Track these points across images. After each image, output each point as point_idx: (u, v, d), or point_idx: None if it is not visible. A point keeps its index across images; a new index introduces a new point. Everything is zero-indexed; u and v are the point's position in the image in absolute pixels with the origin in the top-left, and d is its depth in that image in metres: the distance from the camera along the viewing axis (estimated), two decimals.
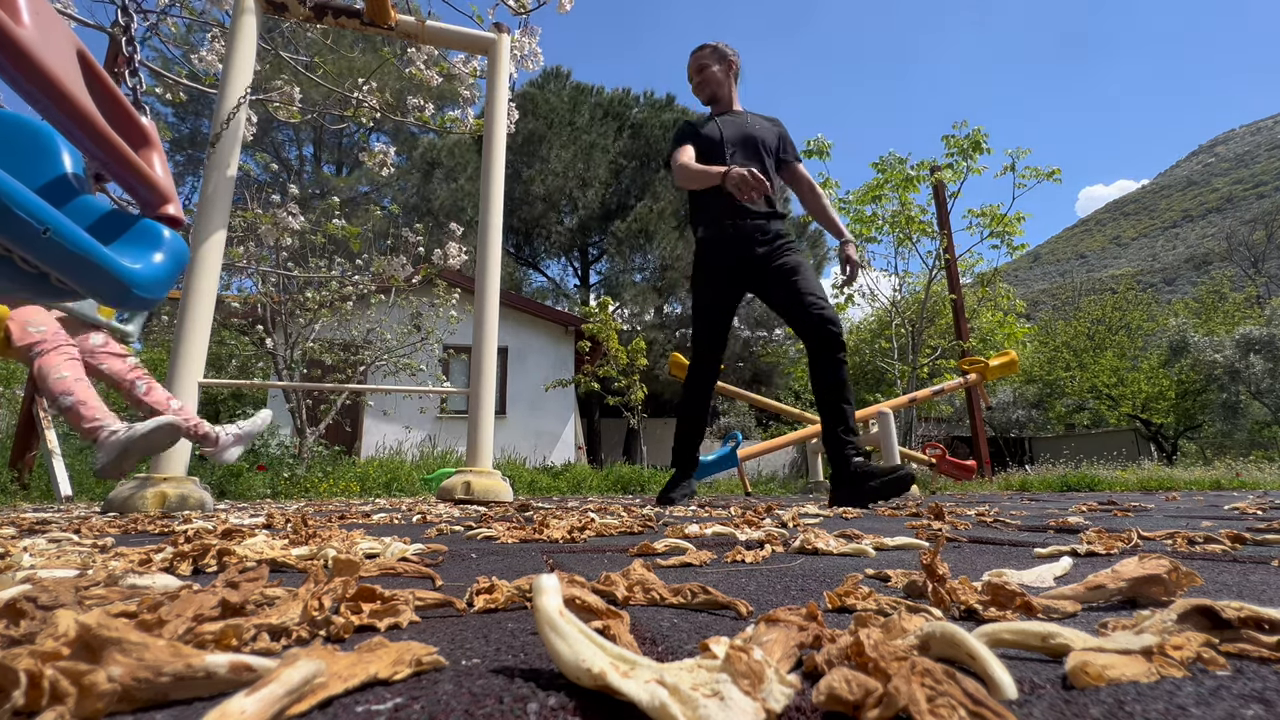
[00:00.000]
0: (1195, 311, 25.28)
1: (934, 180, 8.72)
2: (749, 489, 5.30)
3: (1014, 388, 21.33)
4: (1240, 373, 17.17)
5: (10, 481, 4.38)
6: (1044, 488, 5.95)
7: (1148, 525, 1.24)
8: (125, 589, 0.47)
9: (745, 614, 0.46)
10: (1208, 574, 0.63)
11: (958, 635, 0.28)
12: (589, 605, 0.36)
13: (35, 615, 0.34)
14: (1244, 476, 6.31)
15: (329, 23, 3.07)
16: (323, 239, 6.65)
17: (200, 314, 2.55)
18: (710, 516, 1.61)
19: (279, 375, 7.19)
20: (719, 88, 2.85)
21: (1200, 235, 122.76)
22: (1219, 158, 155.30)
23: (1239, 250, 64.20)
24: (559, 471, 8.24)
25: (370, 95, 4.22)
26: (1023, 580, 0.56)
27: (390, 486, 6.10)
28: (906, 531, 1.17)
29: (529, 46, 3.63)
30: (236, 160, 2.78)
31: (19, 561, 0.68)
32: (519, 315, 11.91)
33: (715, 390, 2.90)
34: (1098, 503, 2.28)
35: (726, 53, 2.89)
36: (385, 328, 7.95)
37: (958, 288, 8.65)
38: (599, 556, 0.88)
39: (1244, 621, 0.32)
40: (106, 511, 2.12)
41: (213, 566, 0.71)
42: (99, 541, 0.96)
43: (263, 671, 0.27)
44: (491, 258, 3.08)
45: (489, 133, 3.23)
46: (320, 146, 20.28)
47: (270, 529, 1.27)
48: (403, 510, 2.27)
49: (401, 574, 0.64)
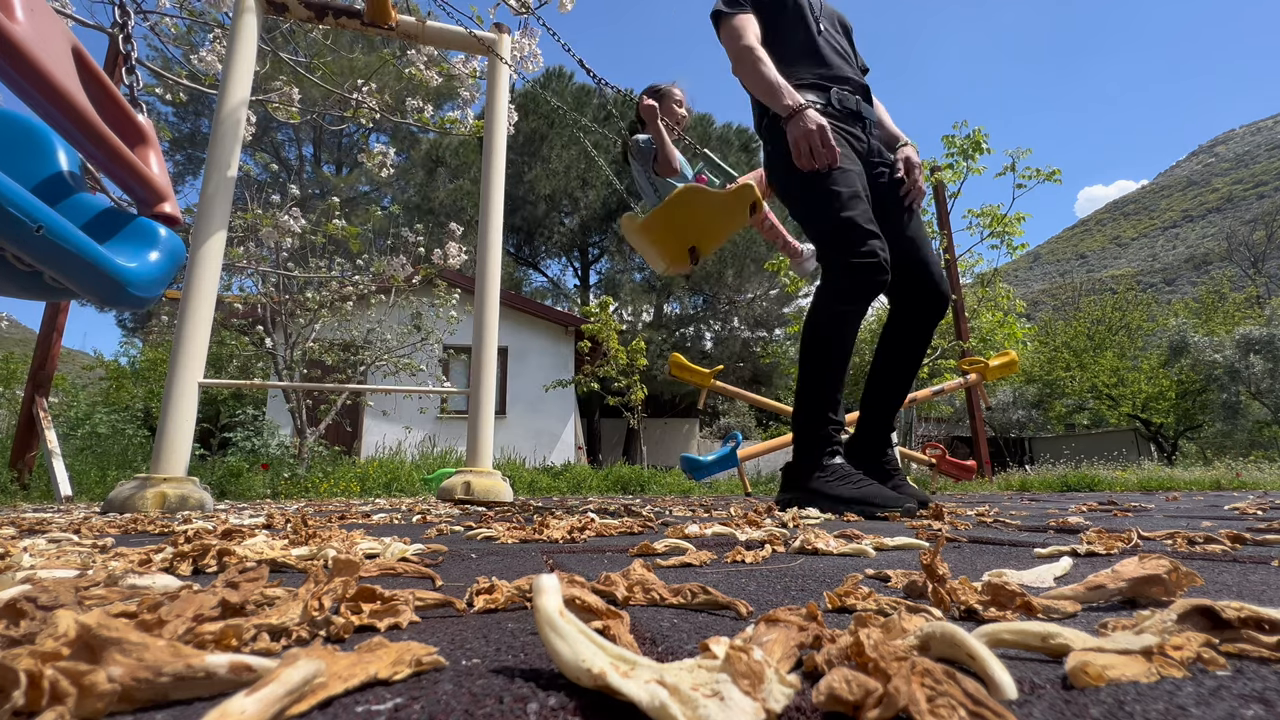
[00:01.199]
0: (1195, 311, 25.28)
1: (934, 180, 8.72)
2: (749, 489, 5.30)
3: (1014, 388, 21.33)
4: (1240, 373, 17.17)
5: (10, 481, 4.38)
6: (1044, 488, 5.95)
7: (1148, 525, 1.24)
8: (125, 589, 0.47)
9: (745, 614, 0.46)
10: (1208, 574, 0.63)
11: (958, 635, 0.28)
12: (589, 605, 0.36)
13: (35, 615, 0.34)
14: (1244, 477, 6.31)
15: (329, 23, 3.07)
16: (323, 239, 6.65)
17: (200, 314, 2.55)
18: (710, 516, 1.61)
19: (279, 375, 7.19)
20: None
21: (1200, 235, 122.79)
22: (1219, 158, 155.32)
23: (1239, 250, 64.20)
24: (559, 471, 8.24)
25: (370, 96, 4.23)
26: (1023, 580, 0.56)
27: (390, 486, 6.10)
28: (906, 531, 1.17)
29: (529, 47, 3.63)
30: (236, 160, 2.78)
31: (19, 561, 0.68)
32: (519, 315, 11.91)
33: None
34: (1098, 503, 2.28)
35: None
36: (385, 328, 7.95)
37: (958, 288, 8.65)
38: (599, 556, 0.88)
39: (1244, 621, 0.32)
40: (106, 511, 2.12)
41: (213, 567, 0.71)
42: (99, 541, 0.96)
43: (263, 671, 0.27)
44: (491, 258, 3.08)
45: (489, 133, 3.23)
46: (320, 147, 20.28)
47: (270, 529, 1.27)
48: (403, 510, 2.27)
49: (401, 574, 0.64)
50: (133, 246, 1.02)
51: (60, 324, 4.68)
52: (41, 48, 0.83)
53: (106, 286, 0.92)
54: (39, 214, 0.80)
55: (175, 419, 2.42)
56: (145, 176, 1.04)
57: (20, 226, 0.78)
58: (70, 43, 0.99)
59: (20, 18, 0.81)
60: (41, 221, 0.80)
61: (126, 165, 1.00)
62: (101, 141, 0.94)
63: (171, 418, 2.42)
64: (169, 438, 2.40)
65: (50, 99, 0.85)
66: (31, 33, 0.82)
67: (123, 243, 1.02)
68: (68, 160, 1.05)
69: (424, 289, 7.79)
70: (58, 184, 1.01)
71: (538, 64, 3.69)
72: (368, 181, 18.35)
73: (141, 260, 1.00)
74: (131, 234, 1.04)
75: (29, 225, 0.79)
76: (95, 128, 0.92)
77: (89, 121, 0.91)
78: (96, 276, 0.90)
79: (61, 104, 0.86)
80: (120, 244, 1.01)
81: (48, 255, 0.83)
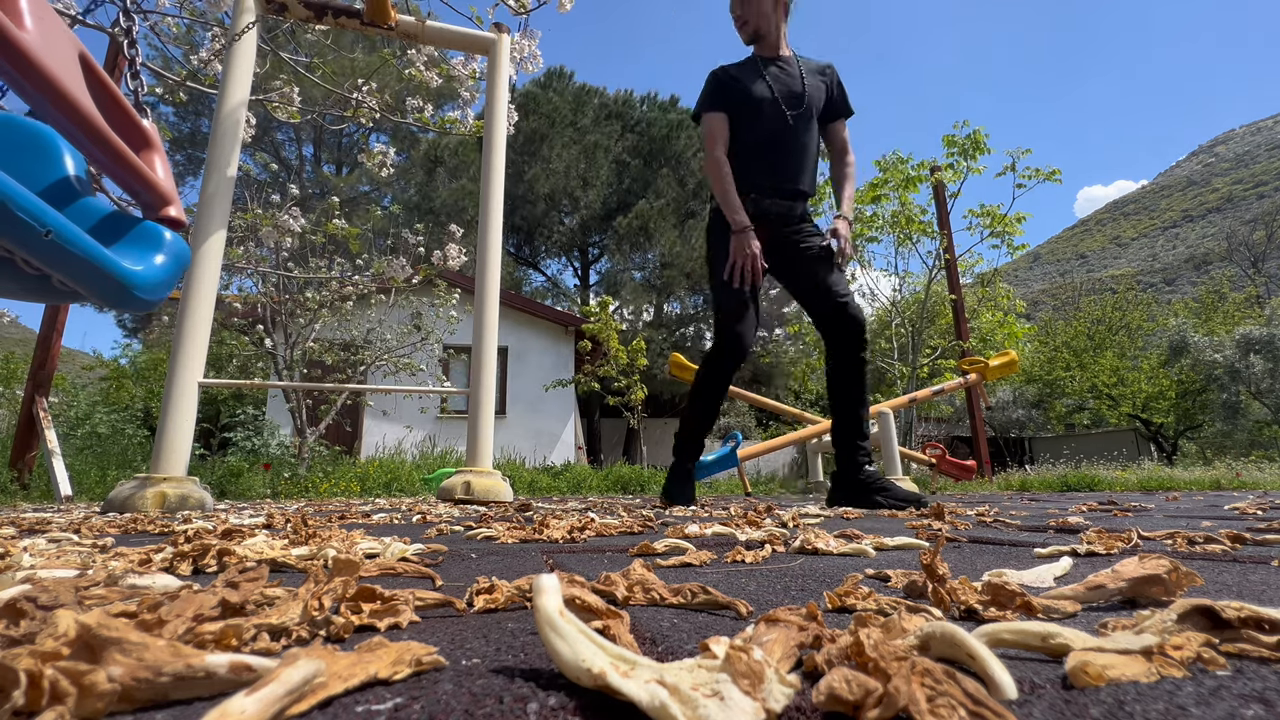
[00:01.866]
0: (1195, 311, 25.27)
1: (934, 180, 8.72)
2: (749, 489, 5.30)
3: (1014, 388, 21.32)
4: (1240, 373, 17.16)
5: (10, 481, 4.38)
6: (1044, 488, 5.95)
7: (1148, 525, 1.24)
8: (125, 589, 0.47)
9: (745, 614, 0.46)
10: (1208, 574, 0.63)
11: (958, 635, 0.28)
12: (589, 605, 0.36)
13: (35, 615, 0.34)
14: (1244, 476, 6.31)
15: (329, 23, 3.07)
16: (323, 239, 6.65)
17: (200, 314, 2.55)
18: (710, 516, 1.61)
19: (279, 375, 7.19)
20: (764, 22, 2.35)
21: (1200, 235, 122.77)
22: (1219, 158, 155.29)
23: (1239, 250, 64.19)
24: (559, 471, 8.24)
25: (370, 96, 4.22)
26: (1023, 580, 0.56)
27: (390, 486, 6.10)
28: (906, 531, 1.17)
29: (529, 48, 3.63)
30: (236, 160, 2.78)
31: (19, 561, 0.68)
32: (519, 315, 11.91)
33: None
34: (1098, 503, 2.28)
35: None
36: (385, 328, 7.95)
37: (958, 288, 8.65)
38: (599, 556, 0.88)
39: (1244, 621, 0.32)
40: (106, 511, 2.12)
41: (213, 566, 0.71)
42: (99, 541, 0.96)
43: (263, 671, 0.27)
44: (491, 258, 3.08)
45: (489, 133, 3.23)
46: (320, 146, 20.28)
47: (270, 529, 1.27)
48: (403, 510, 2.27)
49: (401, 574, 0.64)
50: (138, 250, 1.02)
51: (60, 324, 4.69)
52: (49, 55, 0.83)
53: (113, 290, 0.93)
54: (47, 218, 0.80)
55: (175, 419, 2.42)
56: (150, 181, 1.05)
57: (29, 231, 0.78)
58: (76, 48, 1.00)
59: (29, 25, 0.81)
60: (50, 226, 0.80)
61: (132, 170, 1.01)
62: (107, 146, 0.95)
63: (171, 418, 2.42)
64: (169, 437, 2.40)
65: (57, 105, 0.85)
66: (39, 40, 0.82)
67: (129, 246, 1.02)
68: (74, 165, 1.06)
69: (424, 289, 7.79)
70: (64, 188, 1.01)
71: (538, 64, 3.68)
72: (368, 181, 18.34)
73: (147, 263, 1.01)
74: (137, 238, 1.04)
75: (37, 230, 0.79)
76: (101, 133, 0.92)
77: (95, 127, 0.91)
78: (103, 280, 0.91)
79: (68, 110, 0.87)
80: (126, 247, 1.02)
81: (56, 259, 0.83)
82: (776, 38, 2.39)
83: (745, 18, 2.36)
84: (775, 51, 2.40)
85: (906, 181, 8.78)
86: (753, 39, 2.40)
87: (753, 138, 2.37)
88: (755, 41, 2.40)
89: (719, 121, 2.34)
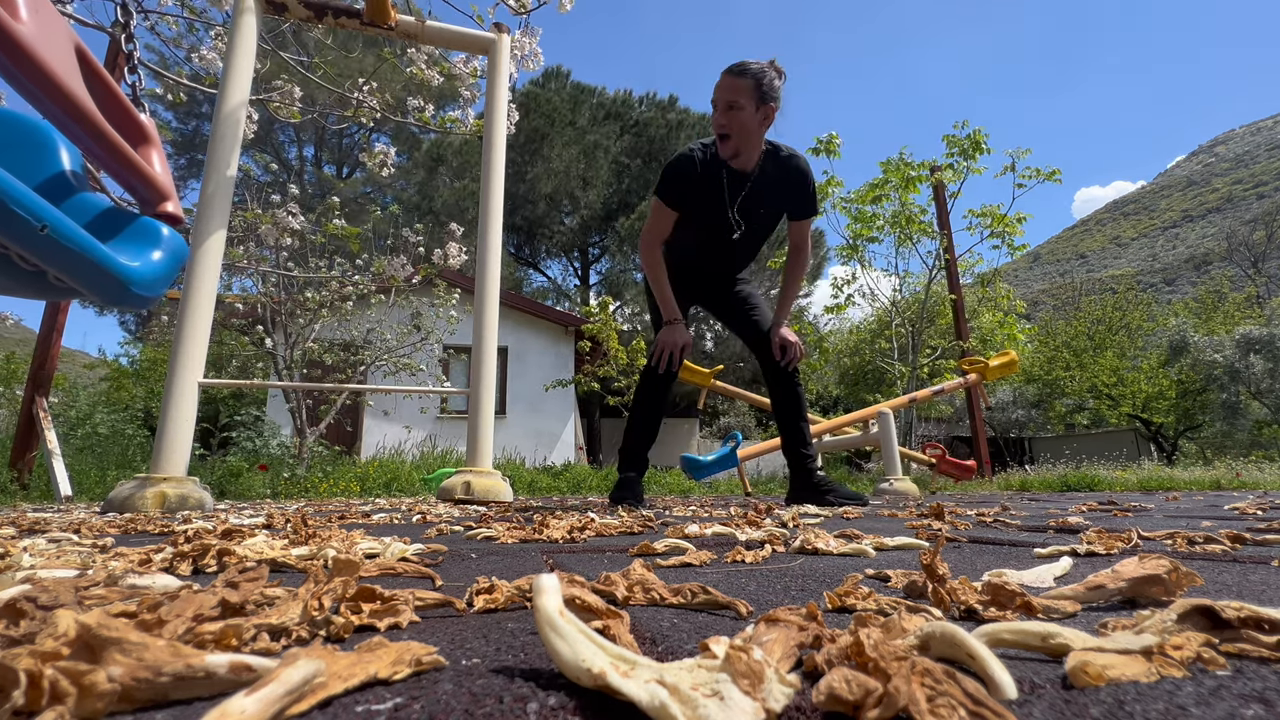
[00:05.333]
0: (1195, 311, 25.27)
1: (934, 180, 8.72)
2: (749, 489, 5.30)
3: (1014, 388, 21.33)
4: (1240, 373, 17.17)
5: (10, 481, 4.38)
6: (1044, 488, 5.95)
7: (1148, 525, 1.24)
8: (125, 589, 0.47)
9: (745, 614, 0.46)
10: (1208, 574, 0.63)
11: (958, 635, 0.28)
12: (589, 605, 0.36)
13: (35, 615, 0.34)
14: (1244, 476, 6.31)
15: (329, 23, 3.07)
16: (323, 239, 6.65)
17: (200, 314, 2.55)
18: (710, 516, 1.61)
19: (279, 375, 7.19)
20: (745, 142, 2.29)
21: (1200, 235, 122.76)
22: (1219, 158, 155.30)
23: (1239, 250, 64.18)
24: (559, 471, 8.24)
25: (370, 96, 4.22)
26: (1023, 580, 0.56)
27: (390, 486, 6.10)
28: (906, 531, 1.17)
29: (529, 47, 3.63)
30: (236, 160, 2.78)
31: (19, 561, 0.68)
32: (519, 315, 11.91)
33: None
34: (1098, 503, 2.28)
35: (768, 89, 2.25)
36: (385, 328, 7.95)
37: (958, 288, 8.65)
38: (599, 556, 0.88)
39: (1244, 621, 0.32)
40: (106, 511, 2.12)
41: (213, 566, 0.71)
42: (99, 541, 0.96)
43: (263, 671, 0.27)
44: (491, 258, 3.08)
45: (489, 133, 3.23)
46: (321, 147, 20.28)
47: (270, 529, 1.27)
48: (403, 510, 2.27)
49: (401, 574, 0.64)
50: (136, 245, 1.02)
51: (60, 324, 4.68)
52: (45, 47, 0.83)
53: (110, 285, 0.92)
54: (43, 213, 0.80)
55: (175, 419, 2.42)
56: (148, 175, 1.04)
57: (24, 225, 0.78)
58: (73, 42, 0.99)
59: (24, 17, 0.81)
60: (46, 220, 0.80)
61: (129, 164, 1.00)
62: (104, 140, 0.94)
63: (171, 417, 2.42)
64: (169, 437, 2.40)
65: (54, 98, 0.85)
66: (36, 32, 0.82)
67: (126, 242, 1.01)
68: (71, 159, 1.05)
69: (424, 289, 7.79)
70: (61, 183, 1.01)
71: (539, 62, 3.69)
72: (369, 182, 18.34)
73: (145, 259, 1.00)
74: (134, 233, 1.04)
75: (33, 224, 0.78)
76: (98, 127, 0.92)
77: (92, 120, 0.91)
78: (100, 275, 0.90)
79: (65, 103, 0.86)
80: (123, 243, 1.01)
81: (52, 254, 0.82)
82: (751, 157, 2.37)
83: (729, 130, 2.29)
84: (747, 168, 2.39)
85: (907, 182, 8.79)
86: (730, 156, 2.34)
87: (693, 240, 2.55)
88: (732, 158, 2.35)
89: (667, 219, 2.45)
